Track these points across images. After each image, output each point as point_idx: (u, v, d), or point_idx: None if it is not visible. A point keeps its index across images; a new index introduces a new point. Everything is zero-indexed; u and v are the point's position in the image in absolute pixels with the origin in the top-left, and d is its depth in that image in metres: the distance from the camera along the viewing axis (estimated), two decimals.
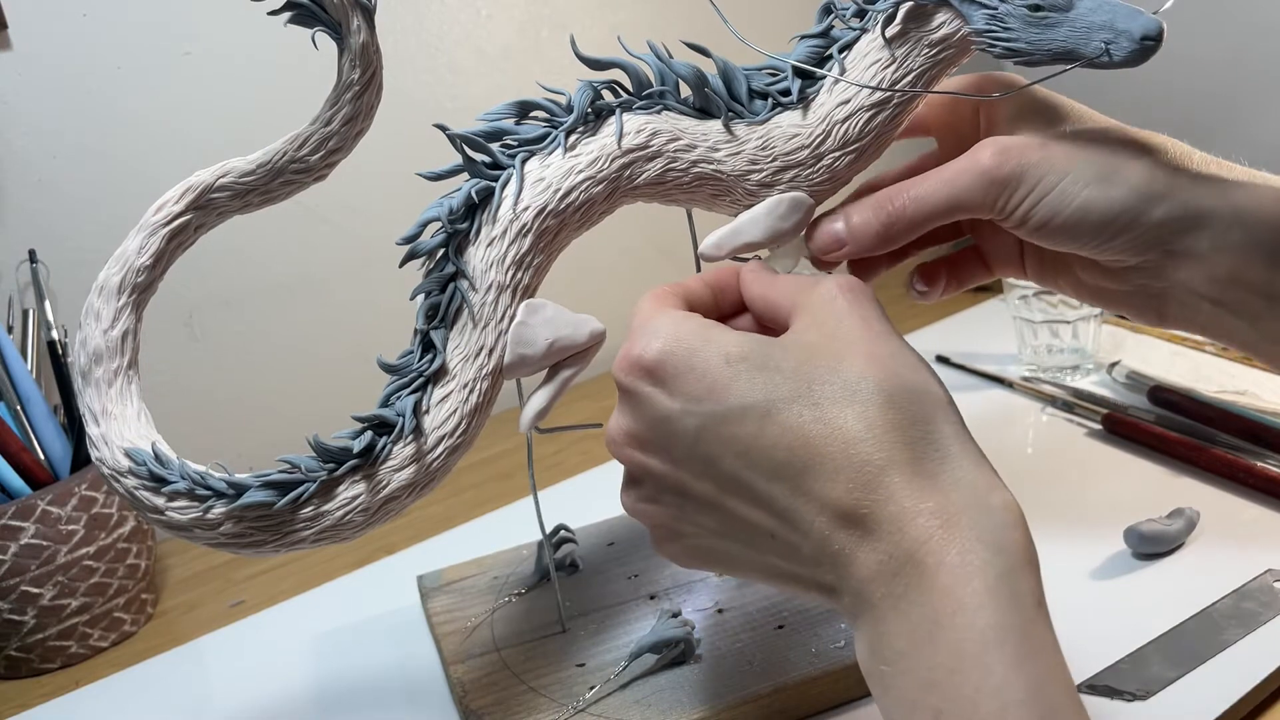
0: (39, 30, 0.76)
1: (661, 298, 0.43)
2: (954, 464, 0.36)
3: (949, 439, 0.37)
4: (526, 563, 0.65)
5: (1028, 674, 0.33)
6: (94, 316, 0.45)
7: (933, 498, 0.35)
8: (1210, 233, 0.42)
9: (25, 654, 0.67)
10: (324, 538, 0.45)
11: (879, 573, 0.36)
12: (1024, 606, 0.34)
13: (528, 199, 0.46)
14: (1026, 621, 0.34)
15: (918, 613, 0.34)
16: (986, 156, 0.43)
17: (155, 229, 0.45)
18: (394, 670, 0.61)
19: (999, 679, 0.32)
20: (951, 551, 0.34)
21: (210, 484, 0.44)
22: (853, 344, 0.38)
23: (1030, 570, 0.35)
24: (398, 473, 0.46)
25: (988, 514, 0.35)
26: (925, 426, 0.37)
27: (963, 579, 0.34)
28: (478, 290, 0.46)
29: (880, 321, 0.40)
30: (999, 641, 0.33)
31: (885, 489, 0.36)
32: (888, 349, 0.39)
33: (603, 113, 0.48)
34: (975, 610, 0.33)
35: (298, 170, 0.45)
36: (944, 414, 0.38)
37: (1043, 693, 0.33)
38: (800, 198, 0.47)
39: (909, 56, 0.45)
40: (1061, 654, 0.34)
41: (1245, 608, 0.55)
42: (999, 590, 0.34)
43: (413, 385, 0.46)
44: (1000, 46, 0.43)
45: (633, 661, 0.53)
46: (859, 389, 0.37)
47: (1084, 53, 0.41)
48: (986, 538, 0.35)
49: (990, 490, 0.36)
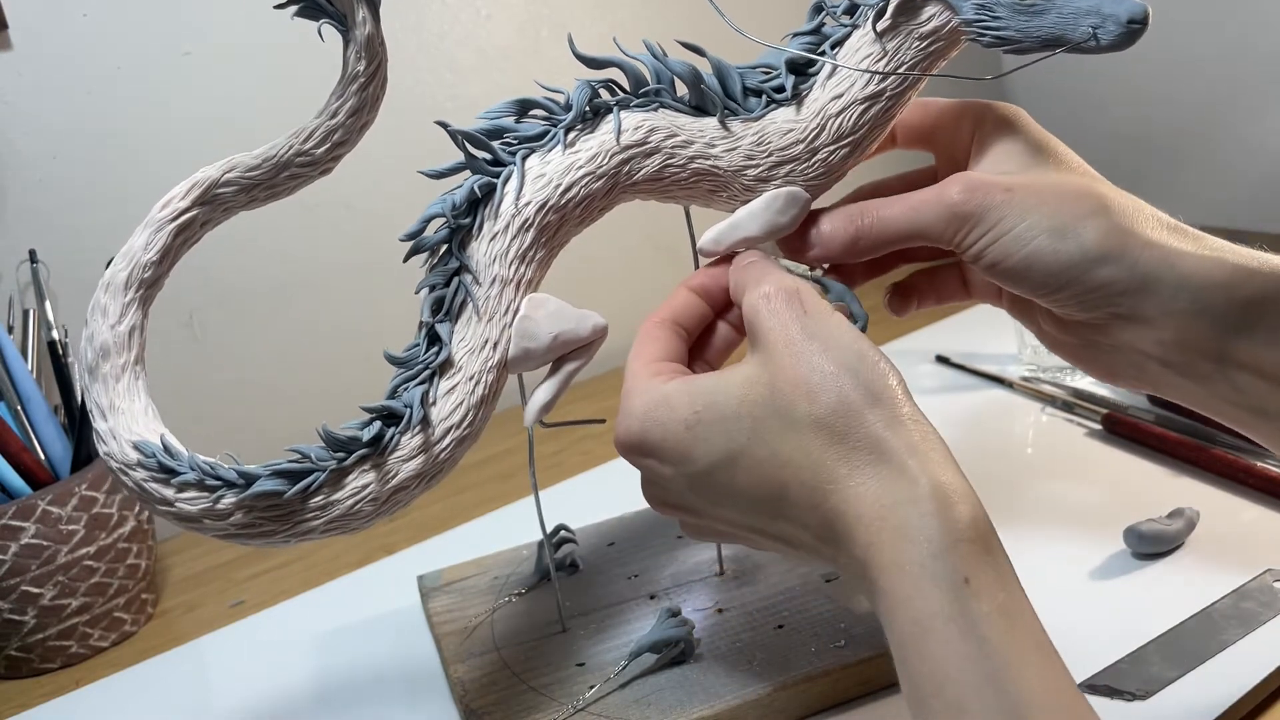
0: (39, 30, 0.76)
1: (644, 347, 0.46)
2: (884, 463, 0.39)
3: (880, 437, 0.39)
4: (526, 563, 0.65)
5: (957, 652, 0.35)
6: (101, 312, 0.45)
7: (869, 504, 0.38)
8: (1157, 299, 0.43)
9: (25, 654, 0.67)
10: (334, 527, 0.46)
11: (857, 577, 0.39)
12: (949, 588, 0.36)
13: (529, 194, 0.47)
14: (951, 603, 0.36)
15: (881, 614, 0.38)
16: (954, 191, 0.44)
17: (162, 225, 0.45)
18: (394, 670, 0.61)
19: (932, 663, 0.36)
20: (885, 553, 0.37)
21: (220, 474, 0.44)
22: (778, 369, 0.41)
23: (961, 548, 0.37)
24: (406, 463, 0.46)
25: (916, 504, 0.37)
26: (854, 434, 0.39)
27: (895, 578, 0.37)
28: (481, 284, 0.47)
29: (797, 326, 0.42)
30: (928, 629, 0.36)
31: (833, 508, 0.39)
32: (805, 364, 0.40)
33: (601, 111, 0.48)
34: (906, 602, 0.37)
35: (303, 164, 0.45)
36: (870, 414, 0.39)
37: (975, 666, 0.35)
38: (796, 192, 0.48)
39: (900, 50, 0.45)
40: (1004, 614, 0.36)
41: (1245, 608, 0.55)
42: (921, 580, 0.36)
43: (419, 377, 0.46)
44: (990, 36, 0.43)
45: (633, 661, 0.53)
46: (792, 417, 0.40)
47: (1072, 38, 0.42)
48: (915, 532, 0.37)
49: (919, 478, 0.38)
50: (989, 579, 0.37)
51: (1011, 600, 0.37)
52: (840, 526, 0.39)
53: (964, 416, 0.81)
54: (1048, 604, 0.54)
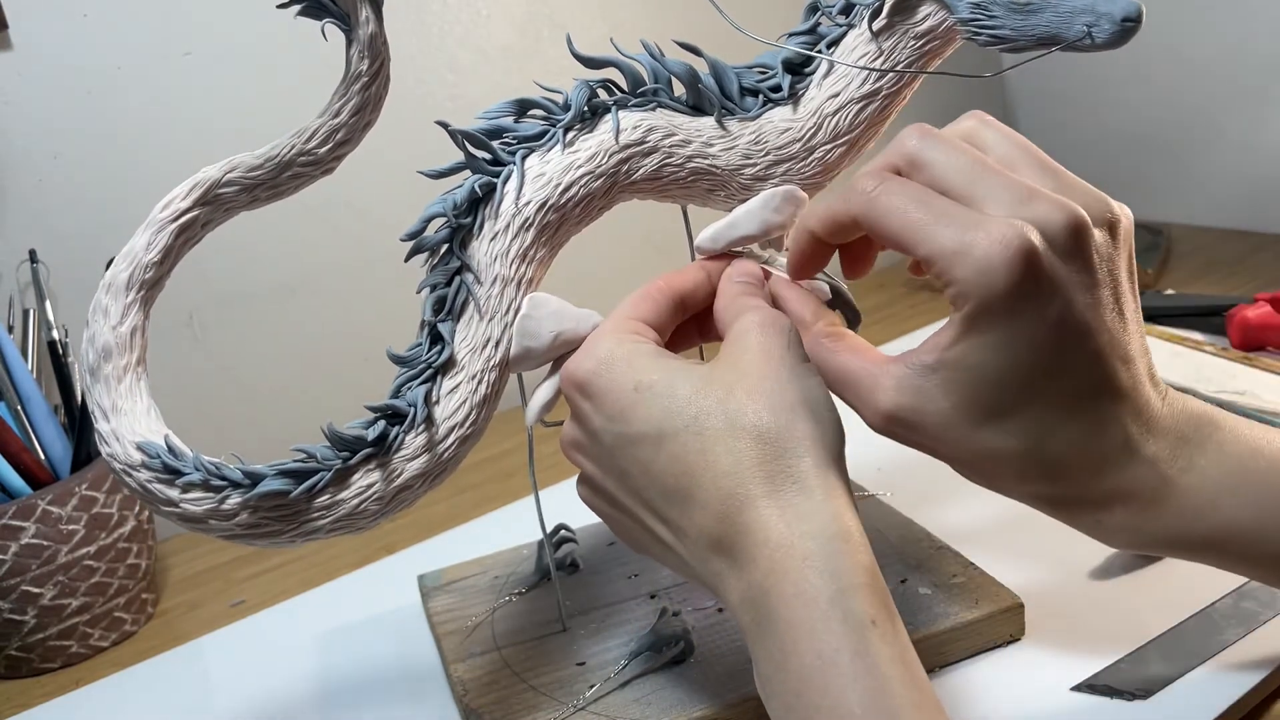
0: (39, 30, 0.76)
1: (636, 304, 0.46)
2: (807, 497, 0.39)
3: (808, 473, 0.39)
4: (527, 562, 0.65)
5: (861, 689, 0.35)
6: (102, 313, 0.45)
7: (780, 531, 0.38)
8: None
9: (26, 654, 0.67)
10: (339, 527, 0.46)
11: (743, 600, 0.39)
12: (855, 626, 0.36)
13: (529, 194, 0.47)
14: (857, 641, 0.36)
15: (772, 641, 0.38)
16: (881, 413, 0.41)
17: (163, 225, 0.45)
18: (395, 669, 0.61)
19: (834, 697, 0.36)
20: (789, 582, 0.37)
21: (225, 474, 0.44)
22: (745, 377, 0.41)
23: (864, 591, 0.37)
24: (410, 462, 0.46)
25: (825, 542, 0.38)
26: (787, 461, 0.39)
27: (799, 608, 0.37)
28: (483, 283, 0.47)
29: (782, 354, 0.42)
30: (832, 663, 0.36)
31: (744, 522, 0.39)
32: (775, 384, 0.41)
33: (599, 110, 0.49)
34: (810, 635, 0.37)
35: (306, 163, 0.45)
36: (808, 449, 0.40)
37: (876, 704, 0.35)
38: (794, 191, 0.48)
39: (896, 49, 0.46)
40: (902, 662, 0.37)
41: (1245, 608, 0.55)
42: (830, 615, 0.37)
43: (422, 376, 0.47)
44: (986, 35, 0.44)
45: (633, 660, 0.53)
46: (737, 421, 0.40)
47: (1067, 36, 0.42)
48: (820, 565, 0.37)
49: (833, 519, 0.39)
50: (890, 628, 0.37)
51: (910, 656, 0.37)
52: (743, 543, 0.39)
53: None
54: (1048, 604, 0.55)
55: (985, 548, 0.60)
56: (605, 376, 0.43)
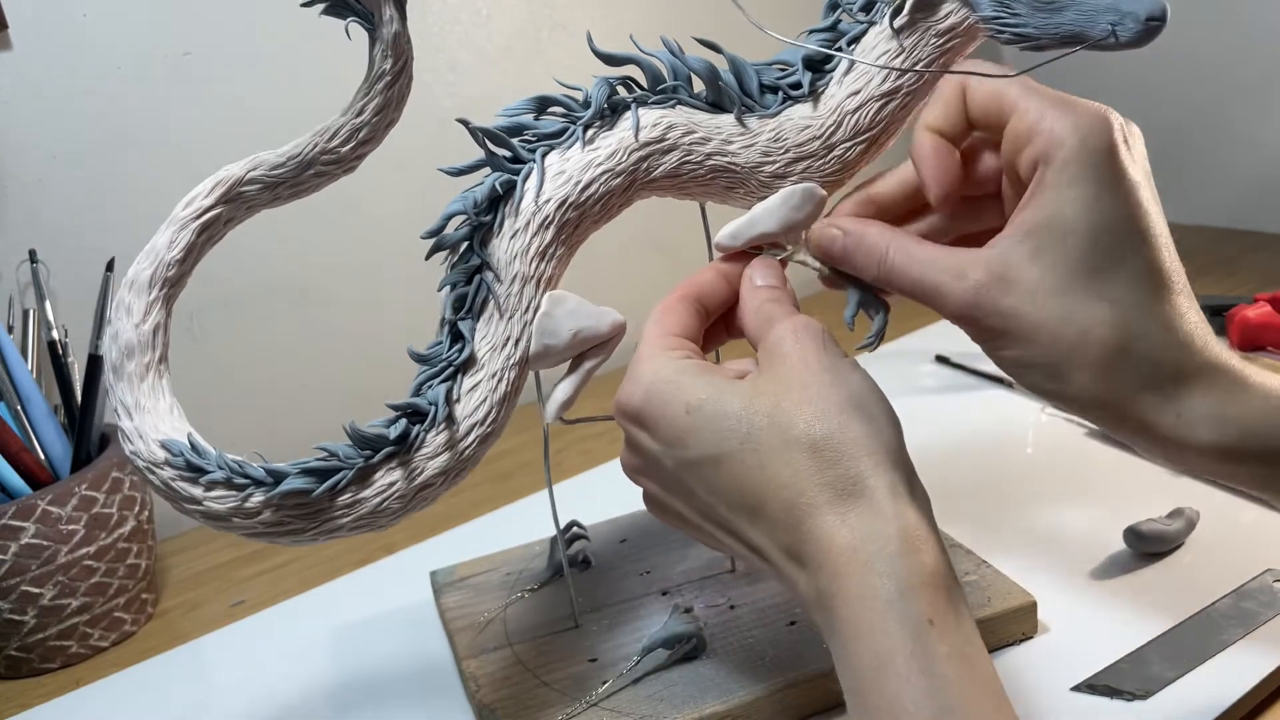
0: (39, 30, 0.76)
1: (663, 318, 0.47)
2: (867, 501, 0.40)
3: (866, 475, 0.40)
4: (539, 559, 0.65)
5: (914, 688, 0.36)
6: (125, 310, 0.45)
7: (844, 536, 0.39)
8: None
9: (25, 654, 0.67)
10: (361, 525, 0.46)
11: (815, 602, 0.40)
12: (912, 626, 0.37)
13: (549, 191, 0.47)
14: (913, 642, 0.37)
15: (837, 642, 0.39)
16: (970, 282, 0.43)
17: (185, 223, 0.45)
18: (407, 665, 0.61)
19: (889, 697, 0.37)
20: (851, 585, 0.38)
21: (249, 472, 0.44)
22: (790, 388, 0.42)
23: (924, 590, 0.38)
24: (432, 460, 0.46)
25: (885, 543, 0.39)
26: (844, 466, 0.40)
27: (859, 610, 0.38)
28: (503, 281, 0.47)
29: (819, 358, 0.43)
30: (889, 663, 0.37)
31: (808, 530, 0.40)
32: (818, 390, 0.41)
33: (618, 108, 0.48)
34: (869, 635, 0.38)
35: (329, 161, 0.45)
36: (865, 450, 0.40)
37: (931, 703, 0.36)
38: (813, 188, 0.48)
39: (917, 46, 0.45)
40: (961, 658, 0.38)
41: (1245, 608, 0.55)
42: (887, 616, 0.38)
43: (443, 374, 0.47)
44: (1009, 33, 0.43)
45: (645, 656, 0.54)
46: (790, 434, 0.41)
47: (1091, 35, 0.42)
48: (882, 567, 0.38)
49: (891, 520, 0.39)
50: (950, 625, 0.38)
51: (971, 649, 0.38)
52: (810, 550, 0.40)
53: (964, 416, 0.81)
54: (1048, 604, 0.56)
55: (986, 548, 0.61)
56: (656, 404, 0.43)
